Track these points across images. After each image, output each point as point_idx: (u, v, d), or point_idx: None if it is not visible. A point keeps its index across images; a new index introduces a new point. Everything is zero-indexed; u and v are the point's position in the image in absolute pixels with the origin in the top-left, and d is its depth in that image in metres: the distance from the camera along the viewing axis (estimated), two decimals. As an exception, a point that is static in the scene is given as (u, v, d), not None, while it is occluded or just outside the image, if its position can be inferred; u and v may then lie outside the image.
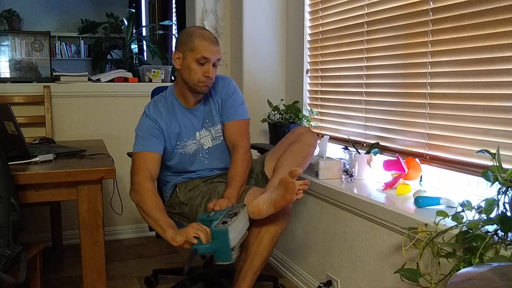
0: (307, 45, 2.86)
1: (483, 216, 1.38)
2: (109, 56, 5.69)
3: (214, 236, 1.67)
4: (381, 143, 2.21)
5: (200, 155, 2.13)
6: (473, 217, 1.42)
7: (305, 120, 2.75)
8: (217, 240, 1.66)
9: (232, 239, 1.66)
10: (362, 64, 2.35)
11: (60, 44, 7.15)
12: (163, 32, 5.02)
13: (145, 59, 5.70)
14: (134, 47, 5.49)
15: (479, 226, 1.37)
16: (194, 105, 2.10)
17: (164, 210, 1.89)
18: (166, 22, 4.88)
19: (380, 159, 2.11)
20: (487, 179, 1.39)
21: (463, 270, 1.03)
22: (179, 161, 2.11)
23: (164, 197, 2.28)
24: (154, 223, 1.84)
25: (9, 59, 3.09)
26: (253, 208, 1.75)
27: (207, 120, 2.13)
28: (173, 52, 2.04)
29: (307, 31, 2.85)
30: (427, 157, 1.95)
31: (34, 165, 1.82)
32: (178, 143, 2.08)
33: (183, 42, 1.99)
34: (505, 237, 1.33)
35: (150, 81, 3.28)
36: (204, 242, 1.66)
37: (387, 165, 2.02)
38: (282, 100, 2.93)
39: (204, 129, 2.12)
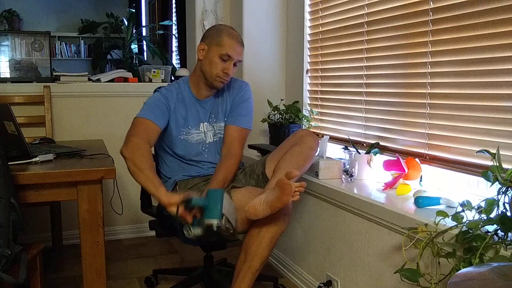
0: (307, 45, 2.86)
1: (483, 216, 1.38)
2: (109, 56, 5.68)
3: (208, 195, 1.73)
4: (381, 143, 2.21)
5: (203, 148, 2.17)
6: (473, 217, 1.42)
7: (305, 120, 2.75)
8: (211, 199, 1.71)
9: (224, 205, 1.70)
10: (362, 64, 2.35)
11: (60, 44, 7.15)
12: (163, 32, 5.01)
13: (145, 59, 5.70)
14: (134, 47, 5.49)
15: (479, 226, 1.37)
16: (205, 98, 2.16)
17: (155, 170, 1.95)
18: (166, 22, 4.88)
19: (380, 159, 2.11)
20: (487, 179, 1.39)
21: (463, 270, 1.03)
22: (183, 148, 2.14)
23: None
24: (146, 180, 1.85)
25: (9, 59, 3.09)
26: (250, 208, 1.75)
27: (213, 116, 2.18)
28: (199, 43, 2.11)
29: (307, 31, 2.85)
30: (427, 157, 1.95)
31: (34, 165, 1.82)
32: (183, 129, 2.13)
33: (211, 35, 2.08)
34: (505, 237, 1.33)
35: (150, 81, 3.28)
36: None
37: (387, 165, 2.02)
38: (282, 100, 2.93)
39: (208, 123, 2.18)
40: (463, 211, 1.45)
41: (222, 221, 1.69)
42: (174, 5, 4.78)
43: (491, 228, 1.37)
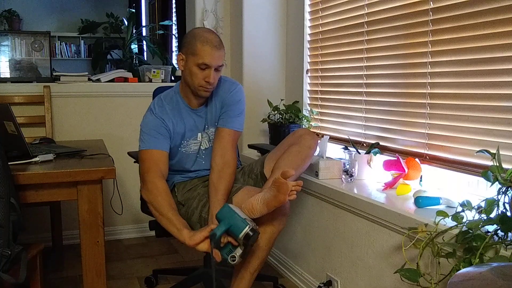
0: (307, 45, 2.86)
1: (483, 216, 1.38)
2: (109, 56, 5.69)
3: (220, 217, 1.72)
4: (381, 143, 2.21)
5: (199, 156, 2.14)
6: (473, 217, 1.42)
7: (305, 120, 2.75)
8: (225, 218, 1.70)
9: (239, 212, 1.71)
10: (362, 64, 2.35)
11: (60, 44, 7.15)
12: (163, 32, 5.02)
13: (145, 59, 5.70)
14: (134, 47, 5.49)
15: (479, 226, 1.37)
16: (198, 106, 2.09)
17: (176, 209, 1.91)
18: (166, 22, 4.88)
19: (380, 159, 2.11)
20: (487, 179, 1.39)
21: (463, 270, 1.03)
22: (180, 160, 2.11)
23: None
24: (168, 223, 1.85)
25: (9, 59, 3.09)
26: (247, 206, 1.76)
27: (205, 123, 2.14)
28: (178, 52, 2.02)
29: (307, 31, 2.85)
30: (427, 157, 1.95)
31: (34, 165, 1.82)
32: (182, 142, 2.09)
33: (187, 44, 1.97)
34: (505, 237, 1.33)
35: (150, 81, 3.28)
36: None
37: (387, 165, 2.02)
38: (282, 100, 2.93)
39: (204, 131, 2.13)
40: (463, 211, 1.45)
41: (251, 224, 1.70)
42: (174, 5, 4.78)
43: (491, 228, 1.36)
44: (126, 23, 5.42)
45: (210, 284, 2.32)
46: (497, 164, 1.38)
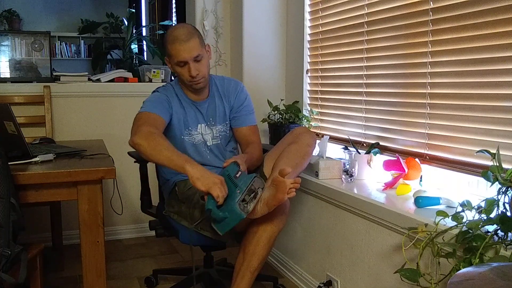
0: (307, 45, 2.86)
1: (483, 216, 1.38)
2: (109, 56, 5.69)
3: (230, 210, 1.68)
4: (381, 143, 2.21)
5: (204, 149, 2.17)
6: (473, 217, 1.42)
7: (305, 120, 2.75)
8: (230, 216, 1.67)
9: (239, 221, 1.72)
10: (362, 64, 2.35)
11: (60, 44, 7.15)
12: (163, 32, 5.01)
13: (145, 59, 5.70)
14: (134, 47, 5.50)
15: (479, 226, 1.37)
16: (199, 100, 2.16)
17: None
18: (166, 22, 4.88)
19: (380, 159, 2.11)
20: (487, 179, 1.39)
21: (463, 270, 1.03)
22: (185, 149, 2.13)
23: (164, 196, 2.29)
24: (171, 157, 1.78)
25: (9, 59, 3.09)
26: None
27: (211, 119, 2.18)
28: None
29: (307, 31, 2.85)
30: (427, 157, 1.95)
31: (34, 165, 1.82)
32: (185, 129, 2.13)
33: (165, 48, 2.08)
34: (505, 237, 1.33)
35: (150, 81, 3.28)
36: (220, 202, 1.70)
37: (387, 165, 2.02)
38: (282, 100, 2.93)
39: (206, 126, 2.17)
40: (463, 211, 1.45)
41: (244, 213, 1.69)
42: (174, 5, 4.78)
43: (491, 228, 1.37)
44: (126, 23, 5.42)
45: (210, 284, 2.33)
46: (497, 164, 1.38)
